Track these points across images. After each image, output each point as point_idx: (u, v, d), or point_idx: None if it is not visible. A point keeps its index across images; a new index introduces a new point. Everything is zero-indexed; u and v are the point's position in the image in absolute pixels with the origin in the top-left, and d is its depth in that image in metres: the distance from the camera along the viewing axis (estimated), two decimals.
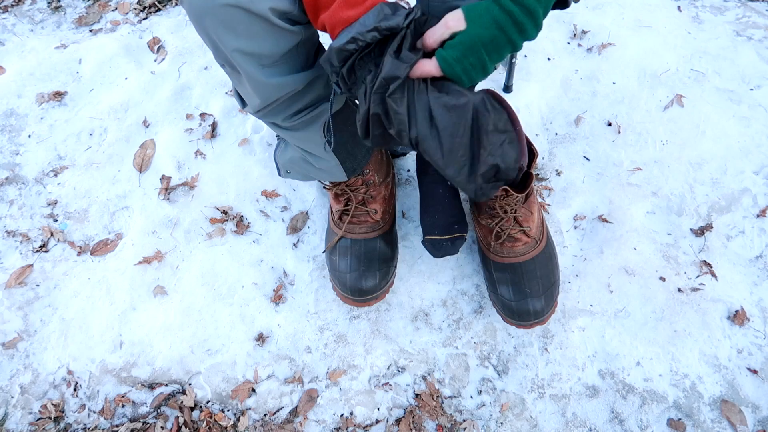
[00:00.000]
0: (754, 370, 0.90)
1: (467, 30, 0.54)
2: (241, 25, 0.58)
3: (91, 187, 1.15)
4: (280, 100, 0.69)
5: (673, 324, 0.94)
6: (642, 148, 1.11)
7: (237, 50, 0.61)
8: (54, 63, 1.32)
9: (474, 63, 0.55)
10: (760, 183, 1.05)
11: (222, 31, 0.59)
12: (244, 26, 0.58)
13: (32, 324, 1.02)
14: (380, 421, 0.91)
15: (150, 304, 1.02)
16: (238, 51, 0.61)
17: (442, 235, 0.89)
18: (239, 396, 0.94)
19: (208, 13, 0.58)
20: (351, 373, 0.95)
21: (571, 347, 0.94)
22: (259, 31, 0.59)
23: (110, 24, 1.40)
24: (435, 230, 0.90)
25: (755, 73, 1.18)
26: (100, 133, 1.21)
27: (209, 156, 1.16)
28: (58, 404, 0.95)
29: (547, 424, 0.89)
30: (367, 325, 0.98)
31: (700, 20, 1.29)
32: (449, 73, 0.56)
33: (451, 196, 0.95)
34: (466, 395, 0.92)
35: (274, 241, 1.06)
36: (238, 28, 0.58)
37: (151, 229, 1.09)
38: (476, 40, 0.53)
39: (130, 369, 0.97)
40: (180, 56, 1.31)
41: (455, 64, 0.55)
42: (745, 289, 0.97)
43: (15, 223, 1.12)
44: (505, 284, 0.89)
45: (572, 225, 1.04)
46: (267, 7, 0.57)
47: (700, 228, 1.02)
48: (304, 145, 0.79)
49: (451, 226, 0.90)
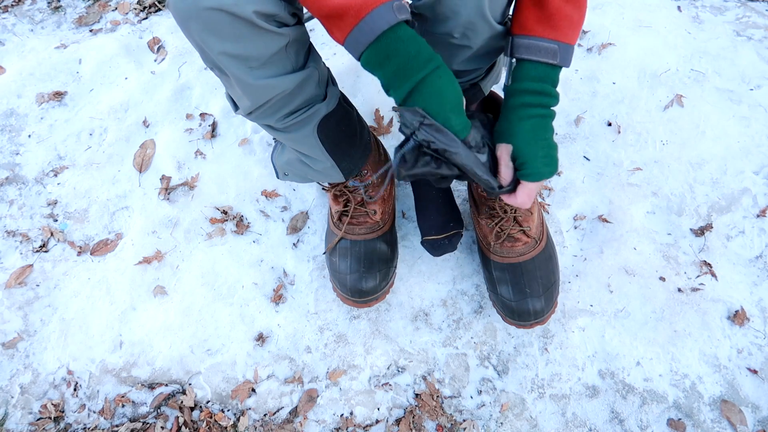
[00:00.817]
0: (754, 370, 0.90)
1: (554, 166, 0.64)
2: (225, 29, 0.58)
3: (91, 187, 1.15)
4: (271, 101, 0.69)
5: (673, 324, 0.94)
6: (642, 148, 1.11)
7: (223, 53, 0.60)
8: (54, 63, 1.32)
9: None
10: (760, 183, 1.05)
11: (207, 35, 0.59)
12: (228, 29, 0.58)
13: (32, 324, 1.02)
14: (380, 421, 0.91)
15: (150, 304, 1.02)
16: (224, 54, 0.61)
17: (439, 234, 0.90)
18: (239, 396, 0.94)
19: (193, 17, 0.57)
20: (351, 373, 0.95)
21: (571, 347, 0.94)
22: (244, 33, 0.59)
23: (110, 24, 1.40)
24: (432, 231, 0.91)
25: (755, 73, 1.18)
26: (100, 133, 1.21)
27: (209, 156, 1.16)
28: (58, 404, 0.95)
29: (547, 424, 0.89)
30: (367, 325, 0.98)
31: (700, 20, 1.29)
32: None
33: (444, 196, 0.95)
34: (466, 395, 0.92)
35: (274, 241, 1.06)
36: (222, 31, 0.58)
37: (151, 229, 1.09)
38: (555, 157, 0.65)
39: (130, 369, 0.97)
40: (180, 56, 1.31)
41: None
42: (745, 289, 0.97)
43: (15, 223, 1.12)
44: (505, 284, 0.89)
45: (572, 225, 1.04)
46: (251, 11, 0.56)
47: (700, 228, 1.02)
48: (299, 146, 0.79)
49: (446, 225, 0.91)
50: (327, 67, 0.77)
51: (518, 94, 0.63)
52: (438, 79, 0.56)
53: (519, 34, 0.62)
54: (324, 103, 0.74)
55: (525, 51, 0.61)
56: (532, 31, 0.61)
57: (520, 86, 0.62)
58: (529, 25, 0.61)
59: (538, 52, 0.61)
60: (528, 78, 0.62)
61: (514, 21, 0.64)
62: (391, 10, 0.54)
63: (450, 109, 0.57)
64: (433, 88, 0.56)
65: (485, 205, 0.91)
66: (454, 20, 0.62)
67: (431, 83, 0.56)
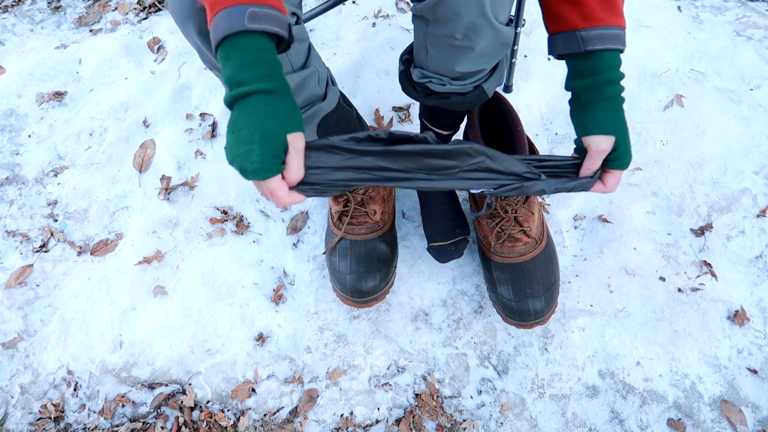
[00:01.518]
0: (754, 370, 0.90)
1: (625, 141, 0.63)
2: None
3: (91, 187, 1.15)
4: None
5: (673, 324, 0.94)
6: (642, 148, 1.11)
7: None
8: (54, 63, 1.32)
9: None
10: (760, 183, 1.05)
11: (205, 36, 0.59)
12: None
13: (32, 324, 1.02)
14: (380, 421, 0.91)
15: (150, 304, 1.02)
16: None
17: (445, 241, 0.91)
18: (239, 396, 0.94)
19: (191, 18, 0.57)
20: (351, 373, 0.95)
21: (571, 347, 0.94)
22: None
23: (110, 24, 1.40)
24: (438, 237, 0.91)
25: (755, 73, 1.18)
26: (100, 133, 1.21)
27: (209, 156, 1.16)
28: (58, 404, 0.95)
29: (547, 424, 0.89)
30: (367, 325, 0.98)
31: (700, 20, 1.29)
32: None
33: (450, 202, 0.95)
34: (466, 395, 0.92)
35: (274, 241, 1.06)
36: None
37: (151, 229, 1.09)
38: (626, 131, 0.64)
39: (130, 369, 0.97)
40: (180, 56, 1.31)
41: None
42: (745, 289, 0.97)
43: (15, 223, 1.12)
44: (505, 284, 0.89)
45: (572, 225, 1.04)
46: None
47: (700, 228, 1.02)
48: None
49: (452, 231, 0.91)
50: (327, 67, 0.77)
51: (607, 85, 0.61)
52: (258, 105, 0.50)
53: (587, 27, 0.60)
54: (324, 103, 0.74)
55: (599, 41, 0.59)
56: (601, 21, 0.60)
57: (608, 76, 0.61)
58: (595, 15, 0.60)
59: (612, 40, 0.60)
60: (611, 67, 0.61)
61: (562, 17, 0.62)
62: (241, 15, 0.48)
63: (259, 139, 0.49)
64: (250, 108, 0.50)
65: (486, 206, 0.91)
66: (455, 21, 0.62)
67: (253, 104, 0.50)
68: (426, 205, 0.95)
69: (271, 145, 0.50)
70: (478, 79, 0.74)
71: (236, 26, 0.48)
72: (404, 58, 0.79)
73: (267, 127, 0.49)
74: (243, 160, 0.50)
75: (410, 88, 0.79)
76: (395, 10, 1.35)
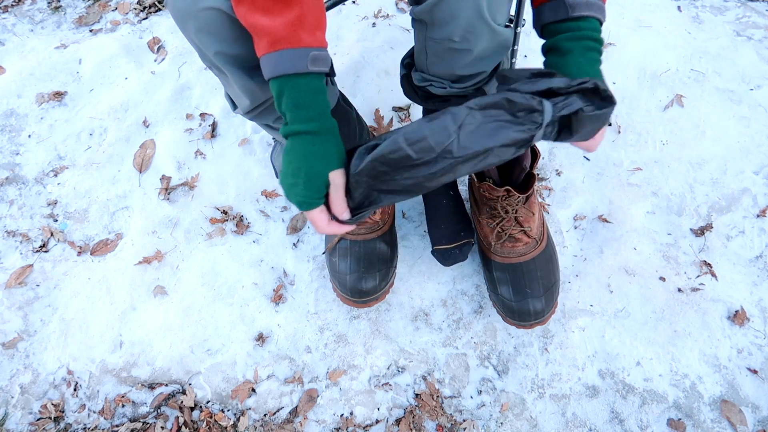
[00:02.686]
0: (754, 370, 0.90)
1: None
2: (222, 29, 0.58)
3: (91, 187, 1.15)
4: (270, 101, 0.69)
5: (673, 324, 0.94)
6: (642, 148, 1.11)
7: (219, 53, 0.61)
8: (54, 63, 1.32)
9: None
10: (760, 183, 1.05)
11: (204, 35, 0.59)
12: (226, 29, 0.58)
13: (32, 324, 1.02)
14: (380, 421, 0.91)
15: (150, 304, 1.02)
16: (220, 54, 0.61)
17: (449, 244, 0.90)
18: (239, 396, 0.94)
19: (191, 17, 0.57)
20: (351, 373, 0.95)
21: (571, 347, 0.94)
22: (241, 34, 0.58)
23: (110, 24, 1.40)
24: (442, 240, 0.91)
25: (755, 73, 1.18)
26: (100, 133, 1.21)
27: (209, 156, 1.16)
28: (58, 404, 0.95)
29: (547, 424, 0.89)
30: (367, 325, 0.98)
31: (700, 20, 1.29)
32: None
33: (455, 205, 0.95)
34: (466, 395, 0.92)
35: (274, 241, 1.06)
36: (220, 31, 0.58)
37: (151, 229, 1.09)
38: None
39: (130, 369, 0.97)
40: (180, 56, 1.31)
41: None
42: (745, 289, 0.97)
43: (15, 223, 1.12)
44: (505, 284, 0.89)
45: (572, 225, 1.04)
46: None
47: (700, 228, 1.02)
48: None
49: (457, 234, 0.91)
50: None
51: (585, 40, 0.62)
52: (306, 144, 0.56)
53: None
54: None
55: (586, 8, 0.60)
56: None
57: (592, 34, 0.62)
58: None
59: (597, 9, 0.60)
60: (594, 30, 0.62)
61: None
62: (305, 59, 0.53)
63: (304, 176, 0.56)
64: (299, 147, 0.56)
65: (486, 206, 0.91)
66: (453, 24, 0.62)
67: (302, 143, 0.56)
68: (430, 208, 0.95)
69: (313, 182, 0.57)
70: (478, 82, 0.74)
71: (301, 68, 0.53)
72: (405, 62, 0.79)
73: (311, 166, 0.56)
74: (290, 190, 0.58)
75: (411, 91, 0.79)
76: (395, 10, 1.35)
